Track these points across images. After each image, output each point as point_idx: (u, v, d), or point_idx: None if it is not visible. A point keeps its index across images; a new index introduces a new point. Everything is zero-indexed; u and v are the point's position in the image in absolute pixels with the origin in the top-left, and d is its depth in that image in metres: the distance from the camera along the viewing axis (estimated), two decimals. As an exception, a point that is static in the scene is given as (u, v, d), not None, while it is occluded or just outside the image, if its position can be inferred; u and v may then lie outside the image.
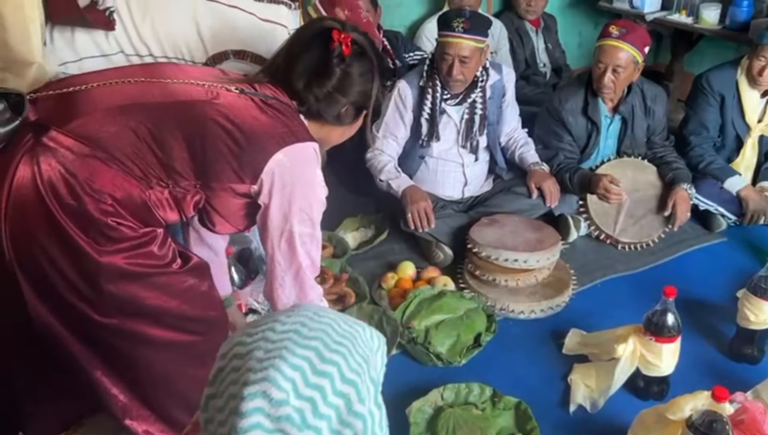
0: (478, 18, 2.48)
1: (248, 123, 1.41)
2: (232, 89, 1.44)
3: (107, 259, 1.36)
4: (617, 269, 2.58)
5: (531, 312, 2.29)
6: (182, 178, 1.41)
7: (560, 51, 3.80)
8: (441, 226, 2.56)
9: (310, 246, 1.52)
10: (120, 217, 1.37)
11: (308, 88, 1.48)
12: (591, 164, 2.80)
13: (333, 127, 1.58)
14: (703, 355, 2.13)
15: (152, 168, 1.38)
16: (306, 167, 1.46)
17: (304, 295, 1.55)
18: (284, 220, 1.46)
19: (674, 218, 2.66)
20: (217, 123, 1.39)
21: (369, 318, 2.18)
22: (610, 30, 2.51)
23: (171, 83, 1.44)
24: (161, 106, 1.40)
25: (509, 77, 2.69)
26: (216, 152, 1.39)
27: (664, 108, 2.77)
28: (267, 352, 0.86)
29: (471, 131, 2.61)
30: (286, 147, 1.42)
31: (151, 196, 1.40)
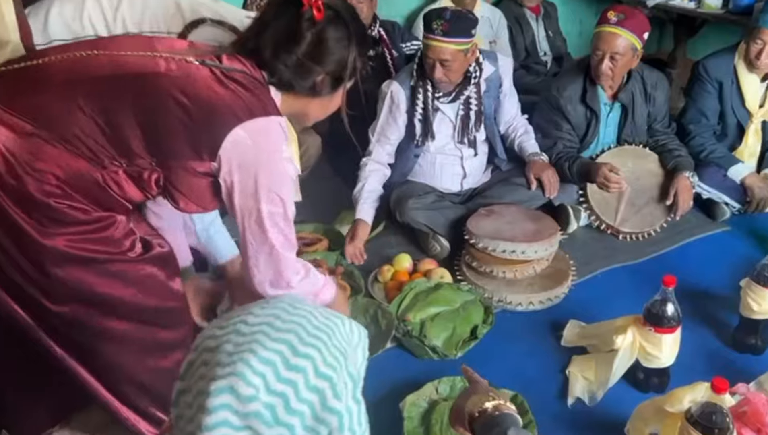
0: (460, 19, 2.37)
1: (205, 96, 1.33)
2: (192, 61, 1.35)
3: (50, 241, 1.31)
4: (618, 259, 2.54)
5: (529, 304, 2.25)
6: (136, 156, 1.33)
7: (561, 39, 3.75)
8: (437, 218, 2.52)
9: (282, 224, 1.45)
10: (68, 198, 1.31)
11: (276, 55, 1.38)
12: (591, 153, 2.76)
13: (310, 99, 1.48)
14: (705, 346, 2.08)
15: (102, 146, 1.31)
16: (269, 143, 1.37)
17: (279, 274, 1.49)
18: (251, 200, 1.39)
19: (676, 207, 2.61)
20: (171, 96, 1.31)
21: (364, 311, 2.15)
22: (608, 16, 2.46)
23: (126, 55, 1.34)
24: (112, 80, 1.33)
25: (505, 67, 2.63)
26: (170, 128, 1.32)
27: (665, 94, 2.72)
28: (237, 345, 0.83)
29: (467, 127, 2.56)
30: (247, 122, 1.33)
31: (104, 175, 1.33)
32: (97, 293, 1.36)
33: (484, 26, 3.38)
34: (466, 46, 2.39)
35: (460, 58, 2.39)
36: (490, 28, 3.42)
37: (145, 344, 1.45)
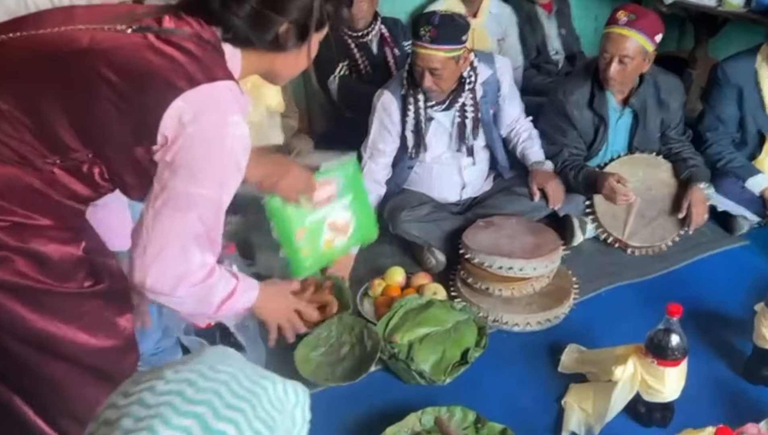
0: (449, 24, 2.20)
1: (137, 70, 1.13)
2: (121, 29, 1.16)
3: None
4: (625, 276, 2.38)
5: (526, 324, 2.12)
6: (70, 150, 1.16)
7: (574, 37, 3.57)
8: (433, 230, 2.40)
9: (208, 214, 1.21)
10: (4, 212, 1.15)
11: (225, 6, 1.18)
12: (600, 161, 2.60)
13: (274, 55, 1.27)
14: (714, 376, 1.93)
15: (30, 145, 1.14)
16: (213, 113, 1.15)
17: (177, 275, 1.21)
18: (180, 178, 1.16)
19: (690, 220, 2.45)
20: (98, 75, 1.12)
21: (350, 330, 2.03)
22: (617, 16, 2.29)
23: (44, 33, 1.16)
24: (28, 67, 1.15)
25: (504, 68, 2.46)
26: (100, 112, 1.13)
27: (680, 100, 2.54)
28: (137, 420, 0.71)
29: (464, 135, 2.42)
30: (187, 91, 1.13)
31: (40, 178, 1.17)
32: (33, 329, 1.22)
33: (492, 23, 3.24)
34: (457, 53, 2.23)
35: (451, 65, 2.24)
36: (498, 26, 3.26)
37: (86, 382, 1.30)
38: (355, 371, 1.92)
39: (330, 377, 1.91)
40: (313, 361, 1.96)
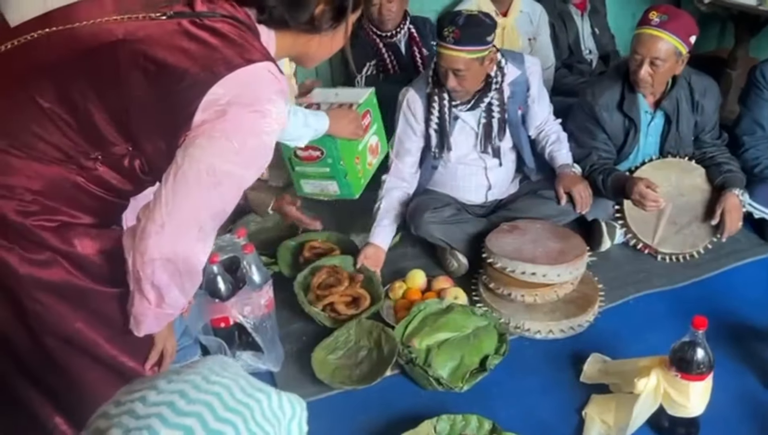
0: (473, 24, 2.16)
1: (174, 57, 1.11)
2: (155, 16, 1.14)
3: (29, 270, 1.15)
4: (654, 284, 2.31)
5: (549, 332, 2.07)
6: (110, 144, 1.15)
7: (609, 36, 3.48)
8: (456, 233, 2.36)
9: (230, 195, 1.18)
10: (50, 212, 1.15)
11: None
12: (631, 164, 2.53)
13: (310, 36, 1.26)
14: (743, 390, 1.87)
15: (73, 141, 1.14)
16: (251, 95, 1.13)
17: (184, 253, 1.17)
18: (207, 152, 1.12)
19: (723, 227, 2.36)
20: (135, 66, 1.11)
21: (368, 334, 2.02)
22: (649, 16, 2.21)
23: (79, 27, 1.15)
24: (67, 63, 1.14)
25: (533, 68, 2.41)
26: (138, 104, 1.12)
27: (715, 102, 2.45)
28: (126, 432, 0.71)
29: (490, 136, 2.37)
30: (225, 76, 1.10)
31: (83, 176, 1.17)
32: (76, 331, 1.23)
33: (523, 22, 3.18)
34: (481, 54, 2.19)
35: (475, 66, 2.20)
36: (529, 25, 3.20)
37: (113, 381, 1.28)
38: (372, 375, 1.90)
39: (346, 380, 1.90)
40: (330, 364, 1.95)
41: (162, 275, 1.17)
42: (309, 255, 2.39)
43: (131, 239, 1.18)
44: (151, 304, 1.22)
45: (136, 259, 1.16)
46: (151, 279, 1.18)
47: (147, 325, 1.28)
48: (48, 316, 1.20)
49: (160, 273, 1.17)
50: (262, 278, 1.93)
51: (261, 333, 1.91)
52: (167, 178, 1.14)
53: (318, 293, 2.14)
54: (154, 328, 1.30)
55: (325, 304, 2.12)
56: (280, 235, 2.57)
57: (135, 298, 1.22)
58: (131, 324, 1.27)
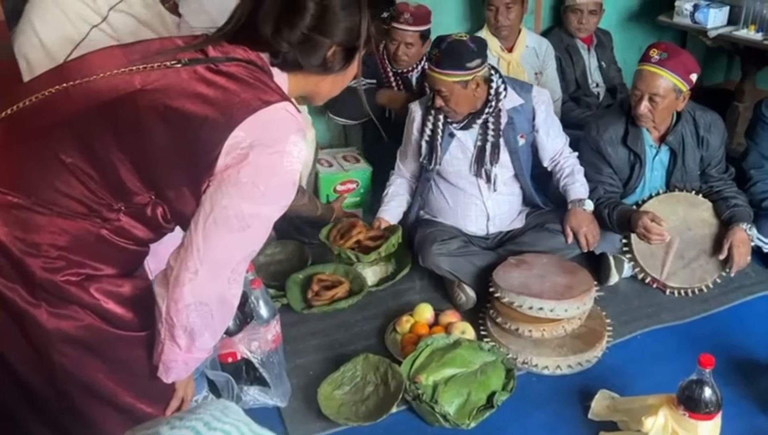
0: (454, 50, 2.23)
1: (191, 105, 1.13)
2: (172, 64, 1.17)
3: (56, 324, 1.17)
4: (662, 319, 2.30)
5: (557, 368, 2.06)
6: (133, 194, 1.17)
7: (616, 69, 3.51)
8: (464, 265, 2.37)
9: (258, 231, 1.20)
10: (77, 266, 1.17)
11: (278, 32, 1.19)
12: (638, 198, 2.54)
13: (321, 77, 1.28)
14: (755, 430, 1.84)
15: (97, 195, 1.16)
16: (271, 136, 1.15)
17: (218, 296, 1.22)
18: (233, 197, 1.14)
19: (731, 262, 2.36)
20: (155, 115, 1.13)
21: (375, 370, 2.01)
22: (650, 54, 2.26)
23: (97, 80, 1.17)
24: (86, 117, 1.15)
25: (541, 98, 2.45)
26: (159, 152, 1.14)
27: (720, 137, 2.46)
28: None
29: (482, 160, 2.41)
30: (245, 120, 1.13)
31: (107, 229, 1.19)
32: (96, 380, 1.24)
33: (530, 57, 3.22)
34: (463, 78, 2.25)
35: (457, 89, 2.27)
36: (536, 59, 3.24)
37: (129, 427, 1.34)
38: (379, 411, 1.90)
39: (352, 417, 1.90)
40: (336, 400, 1.95)
41: (196, 319, 1.20)
42: (317, 288, 2.41)
43: (164, 287, 1.20)
44: (181, 349, 1.25)
45: (170, 307, 1.20)
46: (185, 324, 1.20)
47: (176, 372, 1.30)
48: (72, 367, 1.21)
49: (194, 317, 1.20)
50: (270, 313, 1.94)
51: (268, 368, 1.91)
52: (197, 225, 1.16)
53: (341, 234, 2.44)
54: (182, 374, 1.33)
55: (352, 243, 2.37)
56: (289, 268, 2.59)
57: (165, 345, 1.25)
58: (159, 372, 1.30)
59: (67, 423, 1.27)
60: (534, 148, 2.54)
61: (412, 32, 2.95)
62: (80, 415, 1.26)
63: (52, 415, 1.26)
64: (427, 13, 2.99)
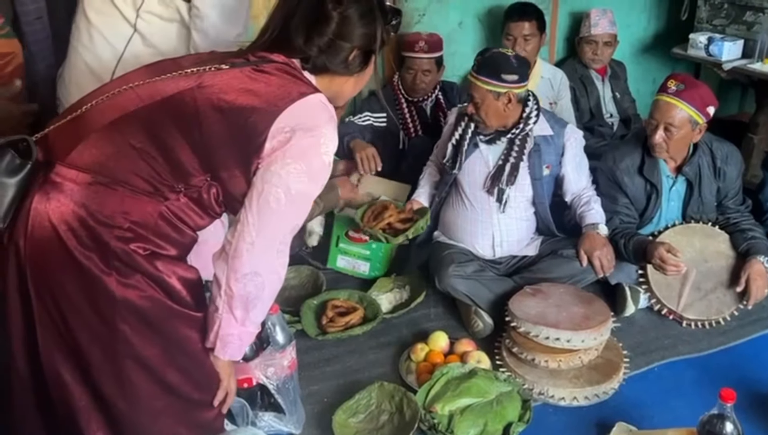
0: (494, 59, 2.34)
1: (241, 98, 1.34)
2: (221, 67, 1.38)
3: (125, 293, 1.31)
4: (680, 351, 2.29)
5: (573, 399, 2.04)
6: (192, 176, 1.36)
7: (630, 100, 3.54)
8: (480, 290, 2.37)
9: (303, 206, 1.42)
10: (142, 240, 1.32)
11: (309, 40, 1.41)
12: (654, 229, 2.53)
13: (344, 78, 1.50)
14: (776, 466, 1.82)
15: (161, 176, 1.34)
16: (310, 122, 1.36)
17: (269, 265, 1.41)
18: (281, 175, 1.35)
19: (749, 295, 2.34)
20: (210, 106, 1.33)
21: (390, 398, 2.00)
22: (668, 84, 2.28)
23: (159, 81, 1.38)
24: (151, 109, 1.35)
25: (574, 137, 2.51)
26: (216, 138, 1.34)
27: (737, 169, 2.47)
28: None
29: (499, 177, 2.44)
30: (287, 108, 1.34)
31: (168, 207, 1.36)
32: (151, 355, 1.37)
33: (544, 87, 3.25)
34: (495, 89, 2.32)
35: (489, 98, 2.34)
36: (550, 89, 3.27)
37: (178, 415, 1.45)
38: (394, 440, 1.88)
39: (368, 445, 1.88)
40: (351, 428, 1.94)
41: (251, 289, 1.39)
42: (332, 314, 2.41)
43: (223, 261, 1.40)
44: (237, 321, 1.43)
45: (230, 277, 1.39)
46: (242, 293, 1.39)
47: (231, 348, 1.47)
48: (133, 337, 1.34)
49: (251, 286, 1.39)
50: (286, 339, 1.94)
51: (283, 394, 1.91)
52: (250, 202, 1.37)
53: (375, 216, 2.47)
54: (237, 351, 1.50)
55: (384, 225, 2.41)
56: (304, 293, 2.60)
57: (222, 319, 1.42)
58: (217, 349, 1.46)
59: (113, 394, 1.37)
60: (557, 180, 2.57)
61: (428, 59, 3.03)
62: (129, 387, 1.37)
63: (100, 383, 1.36)
64: (440, 40, 3.08)
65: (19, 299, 1.32)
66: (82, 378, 1.36)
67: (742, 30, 3.21)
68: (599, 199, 2.52)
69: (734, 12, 3.23)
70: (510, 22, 3.13)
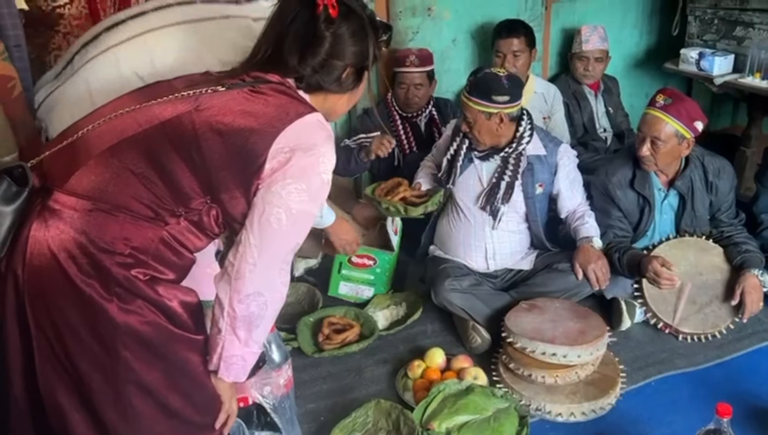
0: (486, 81, 2.35)
1: (240, 119, 1.34)
2: (217, 88, 1.37)
3: (125, 318, 1.29)
4: (676, 365, 2.28)
5: (570, 415, 2.04)
6: (192, 199, 1.36)
7: (623, 115, 3.56)
8: (476, 304, 2.38)
9: (304, 226, 1.41)
10: (144, 266, 1.32)
11: (303, 60, 1.41)
12: (648, 242, 2.55)
13: (338, 95, 1.50)
14: (774, 480, 1.82)
15: (162, 201, 1.33)
16: (308, 141, 1.36)
17: (271, 285, 1.40)
18: (279, 196, 1.35)
19: (744, 308, 2.35)
20: (209, 128, 1.33)
21: (386, 416, 2.00)
22: (656, 98, 2.32)
23: (155, 105, 1.36)
24: (149, 134, 1.34)
25: (566, 155, 2.53)
26: (216, 160, 1.33)
27: (729, 183, 2.48)
28: None
29: (494, 196, 2.45)
30: (285, 129, 1.34)
31: (169, 232, 1.35)
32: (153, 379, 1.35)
33: (538, 102, 3.27)
34: (486, 109, 2.34)
35: (481, 119, 2.35)
36: (544, 104, 3.30)
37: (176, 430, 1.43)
38: (391, 458, 1.88)
39: (365, 464, 1.88)
40: (348, 446, 1.93)
41: (254, 308, 1.38)
42: (328, 331, 2.41)
43: (226, 282, 1.39)
44: (240, 342, 1.42)
45: (233, 298, 1.37)
46: (245, 314, 1.38)
47: (235, 369, 1.45)
48: (134, 363, 1.32)
49: (253, 307, 1.38)
50: (282, 357, 1.94)
51: (280, 413, 1.90)
52: (251, 223, 1.36)
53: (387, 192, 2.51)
54: (241, 372, 1.47)
55: (399, 198, 2.46)
56: (300, 310, 2.59)
57: (225, 340, 1.41)
58: (221, 372, 1.44)
59: (115, 419, 1.35)
60: (551, 199, 2.59)
61: (420, 73, 3.06)
62: (131, 412, 1.35)
63: (101, 409, 1.34)
64: (430, 54, 3.12)
65: (17, 327, 1.30)
66: (82, 405, 1.34)
67: (732, 45, 3.24)
68: (593, 214, 2.54)
69: (724, 27, 3.27)
70: (499, 39, 3.16)
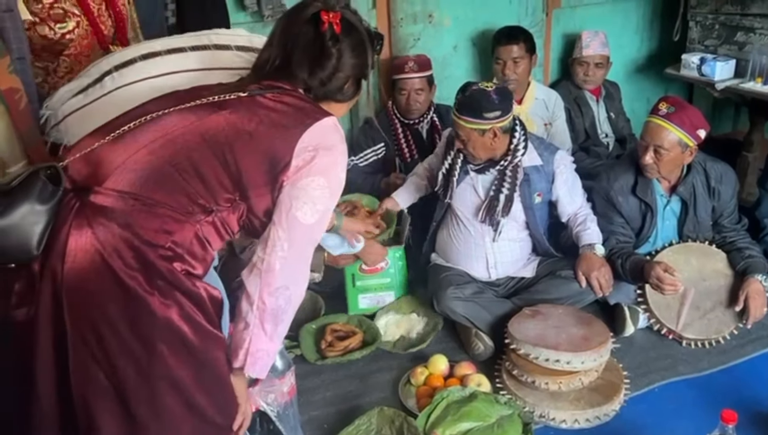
0: (472, 99, 2.31)
1: (266, 122, 1.43)
2: (242, 94, 1.46)
3: (166, 313, 1.33)
4: (680, 371, 2.28)
5: (574, 421, 2.04)
6: (223, 197, 1.42)
7: (624, 120, 3.56)
8: (479, 311, 2.38)
9: (323, 220, 1.49)
10: (181, 260, 1.36)
11: (313, 74, 1.50)
12: (651, 248, 2.54)
13: (339, 104, 1.59)
14: (779, 487, 1.81)
15: (198, 197, 1.38)
16: (327, 142, 1.46)
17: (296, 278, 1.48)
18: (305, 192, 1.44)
19: (747, 314, 2.34)
20: (239, 130, 1.41)
21: (390, 423, 1.99)
22: (659, 107, 2.32)
23: (193, 106, 1.44)
24: (187, 133, 1.40)
25: (563, 163, 2.50)
26: (246, 160, 1.41)
27: (732, 189, 2.48)
28: None
29: (493, 209, 2.44)
30: (307, 130, 1.43)
31: (201, 228, 1.40)
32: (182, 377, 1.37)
33: (539, 108, 3.27)
34: (479, 126, 2.32)
35: (474, 136, 2.34)
36: (545, 110, 3.30)
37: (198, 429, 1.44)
38: (395, 466, 1.87)
39: (368, 472, 1.87)
40: (352, 454, 1.93)
41: (282, 302, 1.46)
42: (331, 338, 2.41)
43: (256, 275, 1.45)
44: (266, 335, 1.47)
45: (263, 291, 1.44)
46: (274, 307, 1.45)
47: (261, 363, 1.50)
48: (170, 359, 1.35)
49: (282, 300, 1.45)
50: (285, 365, 1.94)
51: (283, 421, 1.89)
52: (280, 218, 1.44)
53: None
54: (265, 368, 1.53)
55: None
56: (303, 317, 2.59)
57: (253, 334, 1.47)
58: (246, 366, 1.49)
59: (146, 416, 1.36)
60: (551, 204, 2.58)
61: (419, 78, 3.07)
62: (161, 408, 1.37)
63: (133, 406, 1.35)
64: (428, 60, 3.13)
65: (51, 327, 1.31)
66: (114, 405, 1.35)
67: (733, 50, 3.25)
68: (596, 219, 2.53)
69: (725, 32, 3.28)
70: (499, 46, 3.16)
